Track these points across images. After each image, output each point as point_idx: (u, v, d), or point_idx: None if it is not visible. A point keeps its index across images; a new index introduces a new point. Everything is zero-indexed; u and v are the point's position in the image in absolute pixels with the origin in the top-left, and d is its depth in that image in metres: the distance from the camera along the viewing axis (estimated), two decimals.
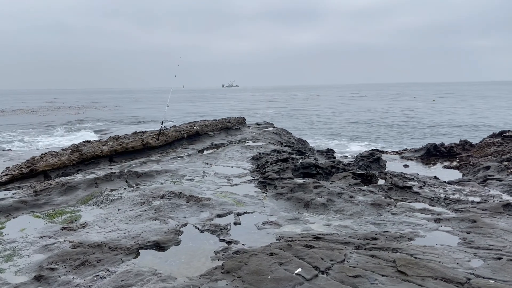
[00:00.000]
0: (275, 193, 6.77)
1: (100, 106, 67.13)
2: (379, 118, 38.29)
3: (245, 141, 12.67)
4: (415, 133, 28.09)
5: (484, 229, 4.76)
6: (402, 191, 6.59)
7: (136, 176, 7.97)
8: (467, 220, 5.13)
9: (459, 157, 11.18)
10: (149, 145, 10.59)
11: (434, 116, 39.82)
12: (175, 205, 6.12)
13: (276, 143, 13.16)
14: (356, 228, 5.15)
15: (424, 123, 33.26)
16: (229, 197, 6.62)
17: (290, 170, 8.06)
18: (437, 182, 7.49)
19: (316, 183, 6.95)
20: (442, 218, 5.31)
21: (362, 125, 32.94)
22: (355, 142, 23.85)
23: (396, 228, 5.08)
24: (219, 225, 5.34)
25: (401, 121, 35.70)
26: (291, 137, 15.28)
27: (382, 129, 30.42)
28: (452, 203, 6.00)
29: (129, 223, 5.50)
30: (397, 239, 4.58)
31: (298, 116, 42.79)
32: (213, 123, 14.11)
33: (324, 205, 6.06)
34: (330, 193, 6.43)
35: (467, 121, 34.53)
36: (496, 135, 12.58)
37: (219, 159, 9.91)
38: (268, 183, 7.38)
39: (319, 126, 33.54)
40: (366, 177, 7.64)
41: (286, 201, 6.39)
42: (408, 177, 7.66)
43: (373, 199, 6.17)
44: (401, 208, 5.82)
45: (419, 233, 4.86)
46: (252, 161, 9.62)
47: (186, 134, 12.14)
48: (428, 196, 6.35)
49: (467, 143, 12.37)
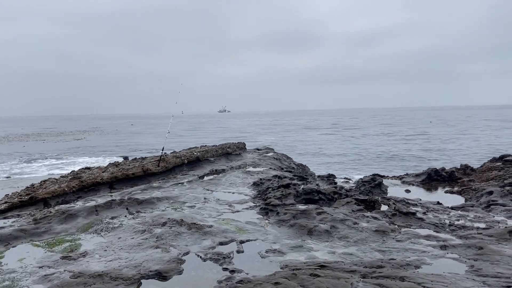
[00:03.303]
0: (277, 220, 6.70)
1: (101, 130, 67.39)
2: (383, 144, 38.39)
3: (246, 166, 12.64)
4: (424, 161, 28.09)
5: (492, 256, 4.69)
6: (406, 217, 6.52)
7: (137, 203, 7.89)
8: (473, 247, 5.05)
9: (460, 181, 11.14)
10: (150, 172, 10.55)
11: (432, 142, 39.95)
12: (177, 233, 6.04)
13: (277, 168, 13.13)
14: (361, 256, 5.06)
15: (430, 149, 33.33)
16: (231, 224, 6.54)
17: (292, 196, 8.00)
18: (440, 207, 7.42)
19: (319, 209, 6.88)
20: (448, 245, 5.23)
21: (361, 150, 32.99)
22: (355, 168, 23.82)
23: (402, 255, 5.00)
24: (221, 253, 5.25)
25: (403, 149, 35.77)
26: (291, 162, 15.25)
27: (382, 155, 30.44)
28: (457, 229, 5.93)
29: (130, 252, 5.41)
30: (404, 267, 4.50)
31: (298, 142, 42.90)
32: (213, 148, 14.11)
33: (328, 232, 5.98)
34: (333, 220, 6.36)
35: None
36: (497, 160, 12.57)
37: (220, 185, 9.85)
38: (270, 209, 7.31)
39: (320, 151, 33.58)
40: (369, 203, 7.57)
41: (289, 228, 6.31)
42: (411, 203, 7.60)
43: (377, 225, 6.10)
44: (405, 234, 5.75)
45: (426, 260, 4.78)
46: (253, 187, 9.57)
47: (187, 160, 12.12)
48: (433, 222, 6.28)
49: (468, 167, 12.35)
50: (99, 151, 34.94)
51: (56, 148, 37.04)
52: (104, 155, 31.64)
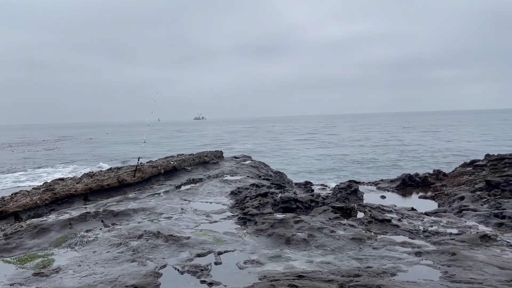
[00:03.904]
0: (255, 230, 6.69)
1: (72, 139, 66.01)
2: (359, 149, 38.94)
3: (223, 175, 12.60)
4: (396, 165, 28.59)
5: (464, 261, 4.81)
6: (381, 224, 6.63)
7: (112, 215, 7.75)
8: (447, 252, 5.17)
9: (433, 186, 11.42)
10: (125, 182, 10.39)
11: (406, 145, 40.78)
12: (153, 246, 5.95)
13: (255, 176, 13.14)
14: (338, 264, 5.11)
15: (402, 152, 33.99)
16: (208, 235, 6.50)
17: (270, 205, 8.01)
18: (414, 213, 7.58)
19: (297, 218, 6.91)
20: (422, 252, 5.34)
21: (339, 156, 33.38)
22: (332, 174, 24.07)
23: (378, 263, 5.07)
24: (199, 265, 5.20)
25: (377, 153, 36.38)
26: (269, 170, 15.30)
27: (360, 159, 30.89)
28: (431, 236, 6.06)
29: (105, 266, 5.30)
30: (380, 275, 4.57)
31: (275, 149, 43.07)
32: (190, 157, 14.02)
33: (306, 240, 6.01)
34: (311, 228, 6.40)
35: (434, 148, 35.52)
36: (468, 164, 12.94)
37: (198, 195, 9.78)
38: (248, 219, 7.30)
39: (297, 157, 33.79)
40: (346, 210, 7.67)
41: (267, 238, 6.31)
42: (387, 209, 7.73)
43: (354, 233, 6.17)
44: (381, 242, 5.83)
45: (401, 267, 4.86)
46: (231, 196, 9.54)
47: (163, 169, 11.99)
48: (407, 228, 6.40)
49: (440, 172, 12.67)
50: (73, 161, 34.18)
51: (27, 158, 36.03)
52: (78, 165, 30.98)
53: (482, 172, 11.47)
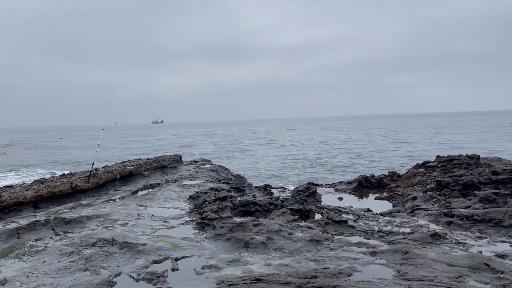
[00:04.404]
0: (214, 234, 6.62)
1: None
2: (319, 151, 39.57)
3: (182, 179, 12.42)
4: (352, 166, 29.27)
5: (416, 260, 4.97)
6: (338, 225, 6.74)
7: (64, 223, 7.43)
8: (400, 251, 5.33)
9: (388, 187, 11.77)
10: (79, 188, 10.00)
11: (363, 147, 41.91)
12: (108, 253, 5.76)
13: (214, 180, 13.04)
14: (296, 267, 5.14)
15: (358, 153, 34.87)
16: (166, 241, 6.36)
17: (229, 209, 7.97)
18: (370, 214, 7.77)
19: (255, 221, 6.91)
20: (377, 251, 5.47)
21: (299, 158, 33.80)
22: (292, 176, 24.33)
23: (335, 264, 5.15)
24: (155, 272, 5.08)
25: (330, 154, 37.12)
26: (229, 173, 15.23)
27: (317, 160, 31.41)
28: (385, 235, 6.23)
29: (55, 277, 5.06)
30: (336, 275, 4.63)
31: (236, 152, 43.04)
32: (147, 162, 13.72)
33: (264, 243, 6.02)
34: (269, 231, 6.41)
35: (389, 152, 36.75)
36: (420, 166, 13.43)
37: (155, 200, 9.58)
38: (207, 223, 7.22)
39: (258, 160, 33.92)
40: (304, 213, 7.74)
41: (226, 242, 6.26)
42: (343, 211, 7.88)
43: (311, 235, 6.24)
44: (338, 243, 5.93)
45: (357, 268, 4.96)
46: (189, 201, 9.41)
47: (119, 174, 11.66)
48: (363, 229, 6.55)
49: (395, 174, 13.08)
50: (23, 167, 32.62)
51: None
52: (29, 171, 29.60)
53: (433, 173, 11.95)
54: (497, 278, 4.42)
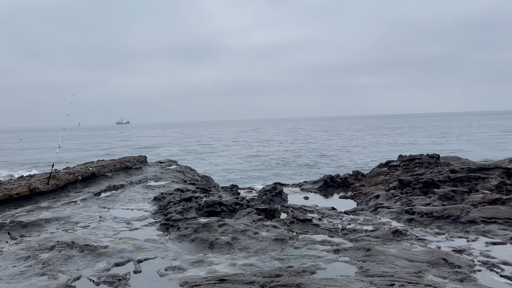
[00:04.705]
0: (178, 235, 6.52)
1: None
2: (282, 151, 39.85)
3: (147, 181, 12.19)
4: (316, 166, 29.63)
5: (378, 256, 5.07)
6: (303, 224, 6.79)
7: (20, 227, 7.12)
8: (362, 249, 5.42)
9: (352, 187, 12.00)
10: (38, 191, 9.62)
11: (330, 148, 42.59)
12: (67, 257, 5.55)
13: (180, 181, 12.88)
14: (261, 266, 5.13)
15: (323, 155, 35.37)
16: (128, 243, 6.21)
17: (194, 210, 7.88)
18: (334, 213, 7.88)
19: (221, 221, 6.86)
20: (340, 249, 5.55)
21: (264, 158, 33.93)
22: (259, 176, 24.40)
23: (299, 262, 5.17)
24: (117, 275, 4.94)
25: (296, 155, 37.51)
26: (195, 174, 15.08)
27: (283, 160, 31.64)
28: (348, 233, 6.33)
29: (10, 282, 4.83)
30: (300, 273, 4.66)
31: (203, 153, 42.74)
32: (111, 163, 13.38)
33: (229, 244, 5.98)
34: (234, 231, 6.38)
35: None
36: (383, 165, 13.78)
37: (118, 202, 9.34)
38: (171, 224, 7.11)
39: (225, 161, 33.81)
40: (269, 212, 7.76)
41: (190, 243, 6.18)
42: (308, 210, 7.95)
43: (276, 234, 6.26)
44: (303, 241, 5.97)
45: (321, 265, 5.01)
46: (154, 202, 9.24)
47: (81, 176, 11.31)
48: (327, 227, 6.63)
49: (359, 173, 13.35)
50: None
51: None
52: None
53: (396, 172, 12.29)
54: (455, 273, 4.57)
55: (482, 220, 6.62)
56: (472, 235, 6.12)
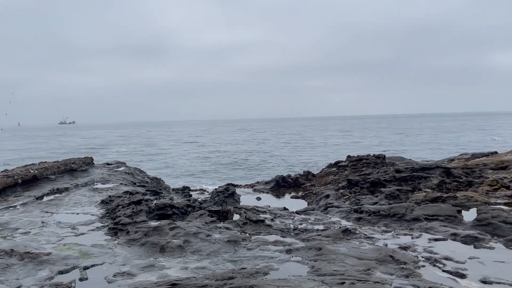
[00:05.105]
0: (127, 240, 6.31)
1: None
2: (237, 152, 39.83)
3: (94, 183, 11.71)
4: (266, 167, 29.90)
5: (329, 255, 5.17)
6: (256, 225, 6.80)
7: None
8: (314, 248, 5.51)
9: (303, 187, 12.21)
10: None
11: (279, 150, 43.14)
12: (5, 266, 5.20)
13: (129, 183, 12.49)
14: (213, 268, 5.07)
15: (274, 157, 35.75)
16: (73, 249, 5.92)
17: (144, 213, 7.66)
18: (286, 213, 7.96)
19: (172, 224, 6.72)
20: (292, 249, 5.61)
21: (214, 159, 33.76)
22: (211, 177, 24.23)
23: (252, 263, 5.17)
24: (61, 283, 4.69)
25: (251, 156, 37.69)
26: (145, 176, 14.68)
27: (235, 162, 31.65)
28: (300, 233, 6.42)
29: None
30: (253, 275, 4.65)
31: (153, 154, 41.82)
32: (55, 165, 12.72)
33: (181, 247, 5.87)
34: (186, 234, 6.27)
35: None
36: (333, 165, 14.12)
37: (62, 206, 8.90)
38: (120, 229, 6.87)
39: (176, 163, 33.26)
40: (222, 214, 7.71)
41: (140, 247, 6.00)
42: (261, 210, 7.97)
43: (229, 235, 6.22)
44: (256, 242, 5.98)
45: (273, 266, 5.03)
46: (101, 206, 8.89)
47: (21, 179, 10.65)
48: (280, 227, 6.68)
49: (310, 173, 13.59)
50: None
51: None
52: None
53: (345, 172, 12.64)
54: (401, 269, 4.76)
55: (425, 218, 6.95)
56: (416, 232, 6.40)
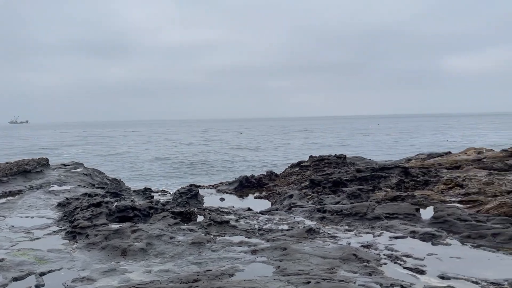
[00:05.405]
0: (87, 243, 6.09)
1: None
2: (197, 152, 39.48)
3: (49, 185, 11.22)
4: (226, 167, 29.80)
5: (294, 255, 5.20)
6: (220, 226, 6.75)
7: None
8: (279, 248, 5.53)
9: (267, 187, 12.25)
10: None
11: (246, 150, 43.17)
12: None
13: (87, 185, 12.07)
14: (178, 271, 4.98)
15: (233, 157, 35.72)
16: (29, 255, 5.64)
17: (104, 215, 7.42)
18: (251, 213, 7.96)
19: (134, 226, 6.55)
20: (258, 249, 5.60)
21: (174, 160, 33.33)
22: (174, 178, 23.89)
23: (217, 265, 5.12)
24: None
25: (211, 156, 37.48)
26: (104, 177, 14.24)
27: (196, 162, 31.37)
28: (265, 233, 6.43)
29: None
30: (219, 277, 4.60)
31: (112, 155, 40.73)
32: (6, 166, 12.10)
33: (144, 250, 5.73)
34: (149, 236, 6.13)
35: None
36: (295, 165, 14.25)
37: (16, 209, 8.47)
38: (79, 232, 6.61)
39: (137, 163, 32.54)
40: (186, 215, 7.60)
41: (101, 251, 5.80)
42: (225, 211, 7.93)
43: (193, 237, 6.14)
44: (220, 243, 5.93)
45: (239, 267, 5.00)
46: (58, 209, 8.54)
47: None
48: (244, 228, 6.66)
49: (273, 173, 13.66)
50: None
51: None
52: None
53: (307, 172, 12.80)
54: (364, 267, 4.86)
55: (386, 216, 7.14)
56: (378, 231, 6.57)
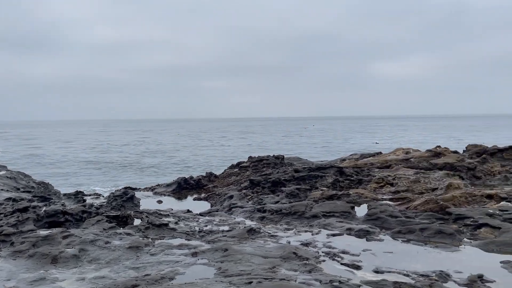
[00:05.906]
0: (12, 252, 5.64)
1: None
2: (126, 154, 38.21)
3: None
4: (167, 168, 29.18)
5: (235, 256, 5.19)
6: (159, 229, 6.57)
7: None
8: (220, 249, 5.49)
9: (206, 188, 12.15)
10: None
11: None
12: None
13: (12, 189, 11.20)
14: (114, 277, 4.77)
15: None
16: None
17: (31, 221, 6.92)
18: (190, 215, 7.84)
19: (65, 232, 6.18)
20: (198, 251, 5.52)
21: (102, 161, 32.06)
22: (105, 181, 22.94)
23: (157, 269, 4.97)
24: None
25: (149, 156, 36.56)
26: (30, 180, 13.31)
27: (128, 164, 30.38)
28: (206, 235, 6.36)
29: None
30: (159, 281, 4.47)
31: (37, 156, 38.22)
32: None
33: (76, 256, 5.42)
34: (82, 242, 5.81)
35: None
36: (234, 166, 14.29)
37: None
38: (2, 240, 6.12)
39: (64, 166, 30.80)
40: (122, 219, 7.32)
41: (28, 259, 5.40)
42: (164, 214, 7.74)
43: (131, 241, 5.91)
44: (159, 247, 5.77)
45: (179, 270, 4.89)
46: None
47: None
48: (184, 230, 6.55)
49: (212, 174, 13.58)
50: None
51: None
52: None
53: (247, 172, 12.87)
54: (304, 265, 4.96)
55: (323, 215, 7.36)
56: (316, 229, 6.75)
